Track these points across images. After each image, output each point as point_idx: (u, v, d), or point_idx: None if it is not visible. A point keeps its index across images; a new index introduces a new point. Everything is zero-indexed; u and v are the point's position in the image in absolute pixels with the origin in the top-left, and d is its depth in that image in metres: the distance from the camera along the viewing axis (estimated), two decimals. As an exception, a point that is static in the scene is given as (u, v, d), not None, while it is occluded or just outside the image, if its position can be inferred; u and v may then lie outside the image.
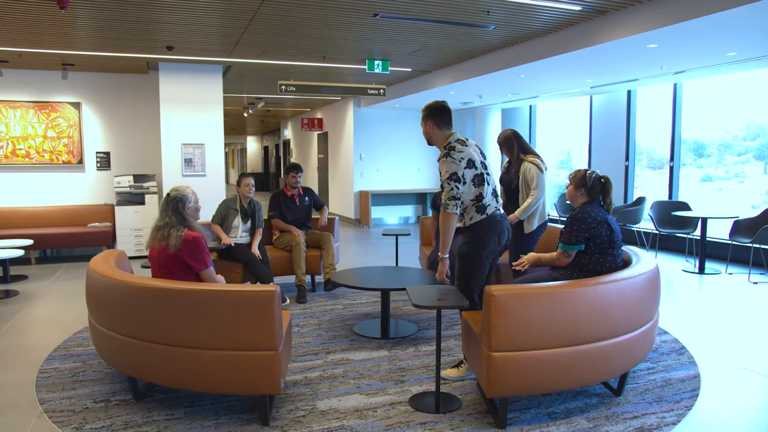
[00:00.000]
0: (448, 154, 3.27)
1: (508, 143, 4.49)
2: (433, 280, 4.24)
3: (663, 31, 4.80)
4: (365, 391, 3.30)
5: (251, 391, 2.91)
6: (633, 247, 3.70)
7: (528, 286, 2.91)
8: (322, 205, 6.02)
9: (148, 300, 2.92)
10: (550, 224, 4.60)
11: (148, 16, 5.41)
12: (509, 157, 4.54)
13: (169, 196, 3.37)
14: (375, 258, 7.91)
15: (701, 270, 6.70)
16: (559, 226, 4.26)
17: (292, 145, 17.30)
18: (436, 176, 11.85)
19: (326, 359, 3.84)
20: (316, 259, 5.62)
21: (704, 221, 6.79)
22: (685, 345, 4.07)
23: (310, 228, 5.88)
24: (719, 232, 7.40)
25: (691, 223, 7.24)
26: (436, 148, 3.46)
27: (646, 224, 8.11)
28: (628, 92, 8.74)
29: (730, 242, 6.73)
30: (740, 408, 3.12)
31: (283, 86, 7.87)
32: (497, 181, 4.20)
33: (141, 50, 6.90)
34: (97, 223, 7.98)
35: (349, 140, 11.85)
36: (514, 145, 4.47)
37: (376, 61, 7.51)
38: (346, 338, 4.29)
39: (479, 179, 3.30)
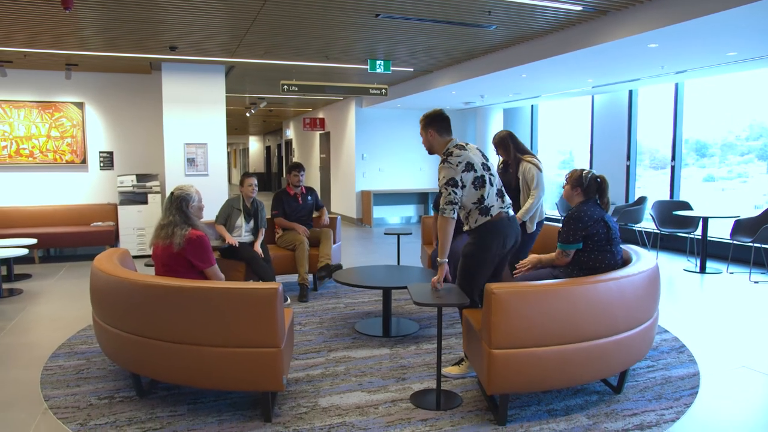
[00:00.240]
0: (445, 159, 3.31)
1: (504, 144, 4.50)
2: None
3: (663, 31, 4.82)
4: (367, 389, 3.32)
5: (254, 388, 2.94)
6: (633, 246, 3.71)
7: (528, 284, 2.94)
8: (322, 206, 6.07)
9: (152, 297, 2.95)
10: (547, 223, 4.66)
11: (151, 17, 5.45)
12: (505, 157, 4.55)
13: (173, 195, 3.41)
14: (377, 257, 7.93)
15: (702, 269, 6.71)
16: (557, 225, 4.28)
17: (294, 145, 17.33)
18: (437, 176, 11.85)
19: (328, 357, 3.87)
20: (318, 258, 5.65)
21: (705, 221, 6.80)
22: (685, 343, 4.09)
23: (312, 227, 5.92)
24: (720, 232, 7.41)
25: (692, 223, 7.25)
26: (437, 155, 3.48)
27: (648, 224, 8.12)
28: (630, 92, 8.76)
29: (731, 242, 6.74)
30: (739, 405, 3.14)
31: (285, 86, 7.89)
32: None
33: (144, 50, 6.93)
34: (100, 223, 8.02)
35: (351, 140, 11.88)
36: (510, 146, 4.48)
37: (378, 61, 7.54)
38: (348, 336, 4.32)
39: (480, 181, 3.30)
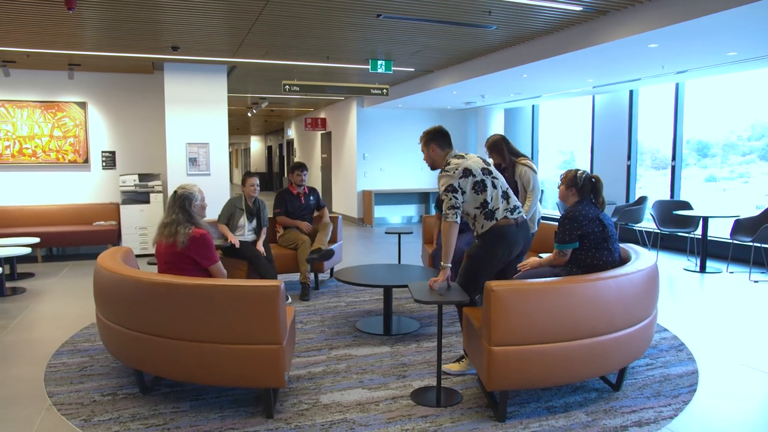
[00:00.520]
0: (443, 168, 3.40)
1: (498, 147, 4.54)
2: (435, 276, 4.29)
3: (663, 31, 4.84)
4: (367, 386, 3.35)
5: (256, 385, 2.97)
6: (633, 245, 3.74)
7: (528, 282, 2.96)
8: (324, 206, 6.11)
9: (155, 295, 2.98)
10: (544, 221, 4.70)
11: (153, 17, 5.48)
12: (499, 161, 4.58)
13: (176, 194, 3.45)
14: (378, 256, 7.96)
15: (702, 269, 6.73)
16: (554, 223, 4.31)
17: (296, 145, 17.37)
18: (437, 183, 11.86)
19: (329, 355, 3.89)
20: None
21: (705, 220, 6.82)
22: (685, 342, 4.11)
23: (312, 225, 5.94)
24: (720, 232, 7.43)
25: (693, 222, 7.27)
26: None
27: (648, 224, 8.14)
28: (630, 92, 8.77)
29: (731, 241, 6.76)
30: (737, 403, 3.16)
31: (287, 86, 7.92)
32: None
33: (146, 50, 6.97)
34: (102, 222, 8.05)
35: (353, 140, 11.90)
36: (504, 150, 4.52)
37: (379, 61, 7.56)
38: (349, 335, 4.35)
39: (480, 186, 3.33)
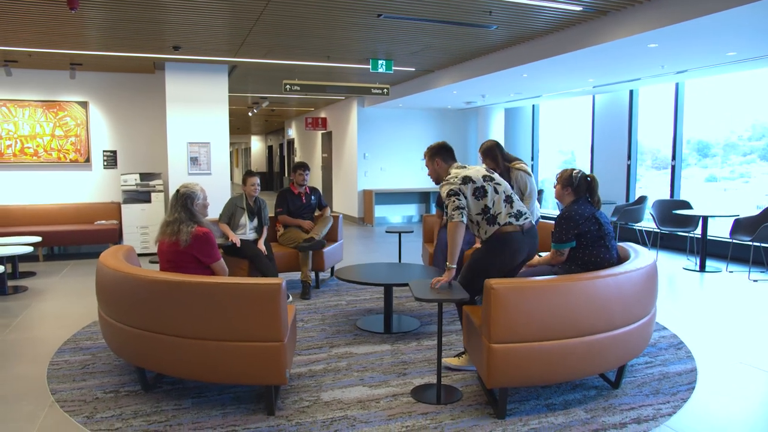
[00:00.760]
0: (444, 179, 3.48)
1: (492, 153, 4.62)
2: (435, 275, 4.32)
3: (663, 30, 4.86)
4: (368, 383, 3.37)
5: (257, 381, 2.98)
6: (632, 244, 3.75)
7: (527, 280, 2.98)
8: (326, 205, 6.12)
9: (157, 293, 3.00)
10: (544, 220, 4.85)
11: (155, 17, 5.50)
12: (492, 167, 4.63)
13: (179, 193, 3.48)
14: (378, 255, 7.98)
15: (702, 268, 6.75)
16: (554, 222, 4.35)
17: (297, 145, 17.39)
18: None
19: (330, 353, 3.92)
20: (322, 256, 5.70)
21: (705, 220, 6.84)
22: (684, 340, 4.13)
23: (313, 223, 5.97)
24: (720, 231, 7.45)
25: (692, 222, 7.28)
26: None
27: (648, 223, 8.16)
28: (630, 92, 8.79)
29: (730, 240, 6.78)
30: (735, 401, 3.18)
31: (287, 86, 7.94)
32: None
33: (148, 50, 6.99)
34: (103, 221, 8.08)
35: (353, 139, 11.93)
36: (497, 156, 4.61)
37: (380, 61, 7.58)
38: (350, 333, 4.37)
39: (481, 192, 3.37)
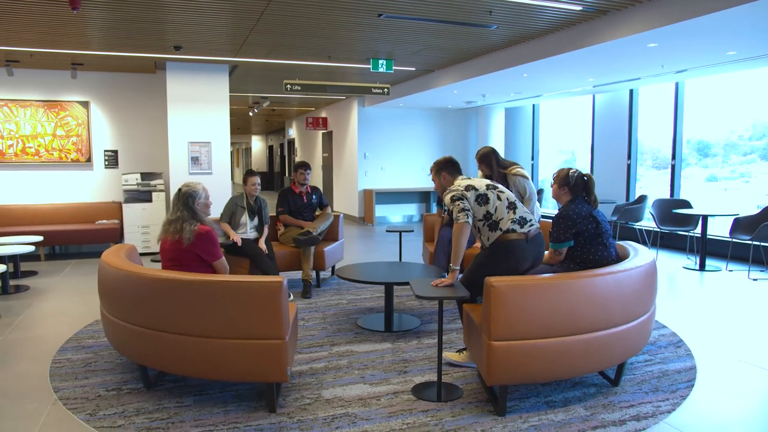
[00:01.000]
0: (447, 189, 3.55)
1: (487, 160, 4.71)
2: (436, 274, 4.36)
3: (663, 30, 4.87)
4: (369, 381, 3.39)
5: (259, 379, 3.00)
6: (632, 243, 3.77)
7: (527, 278, 3.00)
8: (327, 204, 6.14)
9: (159, 291, 3.01)
10: (544, 220, 4.90)
11: (156, 17, 5.52)
12: (488, 173, 4.74)
13: (181, 192, 3.50)
14: (379, 255, 7.99)
15: (702, 267, 6.76)
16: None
17: (297, 144, 17.41)
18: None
19: (331, 351, 3.93)
20: (322, 255, 5.72)
21: (704, 219, 6.85)
22: (683, 339, 4.15)
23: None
24: (720, 230, 7.46)
25: (692, 221, 7.30)
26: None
27: (648, 222, 8.17)
28: (630, 91, 8.80)
29: (730, 239, 6.79)
30: (734, 398, 3.19)
31: (288, 85, 7.95)
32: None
33: (149, 50, 7.01)
34: (105, 221, 8.10)
35: (354, 139, 11.94)
36: (493, 162, 4.69)
37: (381, 61, 7.60)
38: (351, 331, 4.39)
39: (483, 198, 3.42)
